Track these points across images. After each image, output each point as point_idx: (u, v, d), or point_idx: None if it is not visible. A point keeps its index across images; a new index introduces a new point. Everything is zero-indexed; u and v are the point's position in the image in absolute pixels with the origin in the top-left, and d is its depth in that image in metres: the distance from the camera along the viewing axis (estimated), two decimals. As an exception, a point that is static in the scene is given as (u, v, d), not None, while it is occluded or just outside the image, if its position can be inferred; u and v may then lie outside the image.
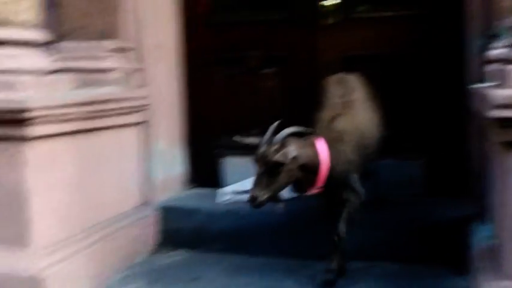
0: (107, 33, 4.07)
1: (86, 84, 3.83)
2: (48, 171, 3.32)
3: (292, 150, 3.12)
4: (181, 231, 4.16)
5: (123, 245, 3.82)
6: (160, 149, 4.35)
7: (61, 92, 3.51)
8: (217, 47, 4.56)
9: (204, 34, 4.59)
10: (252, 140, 3.29)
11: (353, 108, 3.51)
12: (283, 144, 3.13)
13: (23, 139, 3.18)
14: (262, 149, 3.13)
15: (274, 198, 3.21)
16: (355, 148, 3.34)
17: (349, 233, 3.34)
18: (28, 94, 3.22)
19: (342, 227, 3.32)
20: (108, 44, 4.06)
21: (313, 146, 3.23)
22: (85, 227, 3.58)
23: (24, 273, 3.17)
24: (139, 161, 4.20)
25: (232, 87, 4.54)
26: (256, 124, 4.40)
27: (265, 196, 3.11)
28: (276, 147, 3.11)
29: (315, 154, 3.21)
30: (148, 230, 4.14)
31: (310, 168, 3.19)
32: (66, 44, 4.07)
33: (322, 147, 3.23)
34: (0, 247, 3.22)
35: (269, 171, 3.10)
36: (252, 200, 3.11)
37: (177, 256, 4.08)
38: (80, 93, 3.63)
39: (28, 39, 3.43)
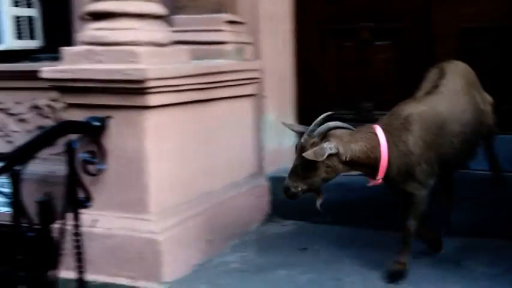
0: (221, 6, 4.15)
1: (200, 56, 3.93)
2: (165, 139, 3.46)
3: (330, 146, 2.90)
4: (290, 203, 4.18)
5: (236, 213, 3.91)
6: (272, 120, 4.40)
7: (177, 63, 3.62)
8: (329, 18, 4.55)
9: (317, 6, 4.59)
10: (299, 128, 3.10)
11: (437, 95, 3.25)
12: (324, 137, 2.95)
13: (143, 108, 3.33)
14: (302, 139, 2.96)
15: (313, 191, 3.04)
16: (422, 139, 3.08)
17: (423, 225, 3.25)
18: (147, 65, 3.35)
19: (410, 224, 3.17)
20: (223, 17, 4.14)
21: (372, 137, 3.04)
22: (200, 194, 3.70)
23: (142, 235, 3.33)
24: (252, 132, 4.28)
25: (345, 59, 4.52)
26: (368, 97, 4.38)
27: (299, 188, 2.97)
28: (314, 140, 2.93)
29: (374, 146, 3.02)
30: (260, 200, 4.22)
31: (365, 162, 3.02)
32: (181, 17, 4.19)
33: (382, 138, 3.04)
34: (121, 210, 3.41)
35: (304, 165, 2.93)
36: (284, 190, 3.01)
37: (286, 227, 4.15)
38: (195, 64, 3.73)
39: (147, 11, 3.55)
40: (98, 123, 3.35)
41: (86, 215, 3.29)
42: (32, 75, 3.82)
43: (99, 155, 3.39)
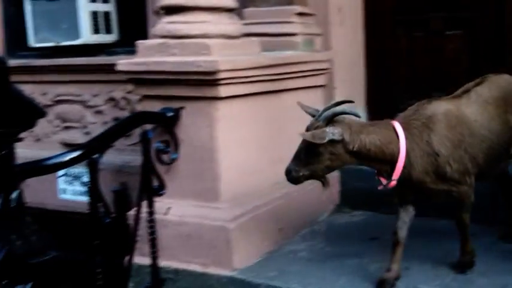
0: (291, -2, 4.20)
1: (270, 48, 3.99)
2: (236, 129, 3.53)
3: (333, 132, 2.77)
4: (359, 193, 4.22)
5: (305, 203, 3.95)
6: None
7: (248, 55, 3.68)
8: (400, 8, 4.51)
9: (386, -4, 4.57)
10: (313, 110, 2.98)
11: (465, 99, 3.10)
12: (330, 122, 2.82)
13: (214, 99, 3.41)
14: (310, 123, 2.89)
15: (317, 178, 2.94)
16: (448, 139, 2.93)
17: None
18: (218, 57, 3.42)
19: (463, 217, 3.07)
20: (293, 8, 4.18)
21: (388, 132, 2.89)
22: (270, 183, 3.75)
23: (214, 223, 3.42)
24: (321, 123, 4.30)
25: (416, 49, 4.48)
26: (439, 87, 4.33)
27: (301, 173, 2.86)
28: (319, 124, 2.83)
29: (390, 142, 2.86)
30: (329, 190, 4.23)
31: (379, 156, 2.87)
32: (251, 10, 4.25)
33: (401, 134, 2.88)
34: (193, 198, 3.50)
35: (307, 149, 2.83)
36: (286, 173, 2.90)
37: (355, 217, 4.16)
38: (265, 56, 3.79)
39: (218, 5, 3.62)
40: (171, 114, 3.45)
41: (160, 203, 3.40)
42: (109, 68, 3.96)
43: (173, 145, 3.50)
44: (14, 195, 2.84)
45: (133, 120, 3.49)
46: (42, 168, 2.97)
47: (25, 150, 2.94)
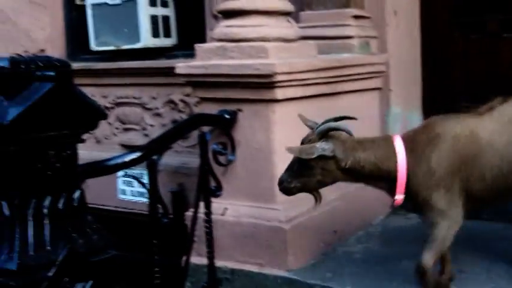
0: (349, 1, 4.20)
1: (325, 51, 4.01)
2: (292, 131, 3.54)
3: (324, 148, 2.68)
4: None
5: (360, 205, 3.95)
6: (398, 113, 4.40)
7: (304, 58, 3.72)
8: (456, 11, 4.48)
9: (442, -2, 4.54)
10: (311, 123, 2.88)
11: (486, 118, 2.85)
12: (324, 137, 2.72)
13: (271, 101, 3.45)
14: (306, 135, 2.82)
15: (309, 192, 2.86)
16: (448, 161, 2.73)
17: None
18: (275, 60, 3.46)
19: (426, 258, 2.78)
20: (350, 11, 4.19)
21: (386, 147, 2.77)
22: (325, 185, 3.77)
23: (270, 223, 3.46)
24: (377, 125, 4.31)
25: (472, 51, 4.44)
26: (496, 91, 4.26)
27: (292, 185, 2.78)
28: (312, 137, 2.75)
29: (388, 157, 2.73)
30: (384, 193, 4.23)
31: (374, 174, 2.75)
32: (307, 13, 4.28)
33: (400, 150, 2.74)
34: (249, 199, 3.55)
35: (300, 161, 2.75)
36: (279, 183, 2.84)
37: (410, 220, 4.14)
38: (321, 59, 3.82)
39: (275, 8, 3.67)
40: (228, 116, 3.51)
41: (216, 204, 3.46)
42: (168, 71, 4.05)
43: (230, 147, 3.55)
44: (76, 194, 2.94)
45: (191, 122, 3.57)
46: (103, 168, 3.06)
47: (86, 152, 3.04)
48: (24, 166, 2.80)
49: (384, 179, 2.77)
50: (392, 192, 2.80)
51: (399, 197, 2.78)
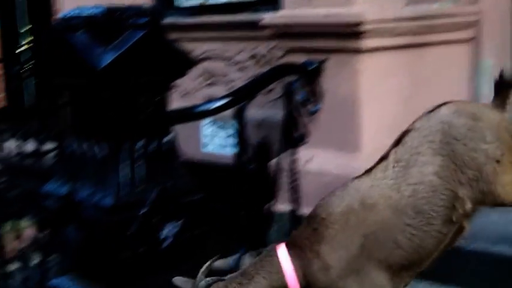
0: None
1: (416, 1, 3.91)
2: (378, 82, 3.53)
3: None
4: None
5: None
6: (489, 66, 4.26)
7: (393, 7, 3.65)
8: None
9: None
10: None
11: (382, 169, 2.43)
12: None
13: (358, 51, 3.43)
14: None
15: None
16: (343, 246, 2.23)
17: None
18: (362, 8, 3.42)
19: None
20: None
21: (272, 263, 2.29)
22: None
23: (354, 173, 3.43)
24: (467, 78, 4.19)
25: None
26: None
27: None
28: None
29: (277, 273, 2.27)
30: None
31: None
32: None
33: (283, 258, 2.29)
34: (334, 149, 3.56)
35: None
36: None
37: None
38: (410, 8, 3.73)
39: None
40: (314, 66, 3.50)
41: (301, 153, 3.48)
42: (253, 25, 4.07)
43: (315, 96, 3.55)
44: (166, 139, 3.04)
45: (277, 71, 3.58)
46: (192, 114, 3.14)
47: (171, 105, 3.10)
48: (117, 111, 2.93)
49: None
50: None
51: None
